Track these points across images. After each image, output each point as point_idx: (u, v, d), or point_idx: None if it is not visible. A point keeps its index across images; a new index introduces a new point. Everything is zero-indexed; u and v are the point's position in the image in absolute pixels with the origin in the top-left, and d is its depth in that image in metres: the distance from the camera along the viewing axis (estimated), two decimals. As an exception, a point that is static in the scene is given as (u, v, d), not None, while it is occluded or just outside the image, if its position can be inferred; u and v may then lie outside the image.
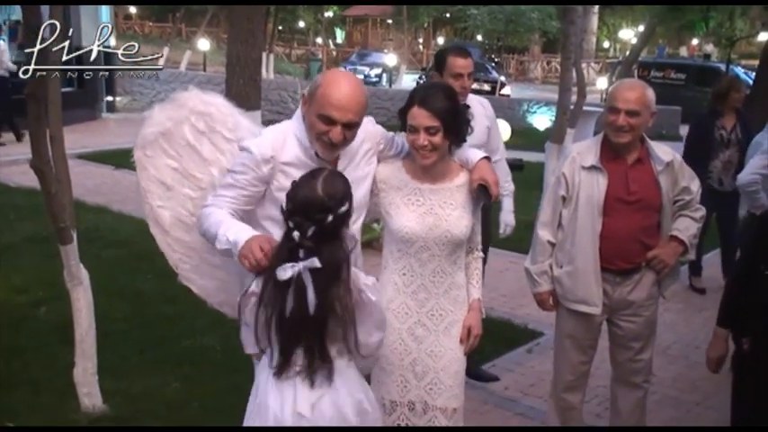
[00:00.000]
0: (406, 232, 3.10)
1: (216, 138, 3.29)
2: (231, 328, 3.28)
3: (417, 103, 3.01)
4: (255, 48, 7.27)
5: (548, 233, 3.87)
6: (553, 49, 44.73)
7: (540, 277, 3.91)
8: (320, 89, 2.88)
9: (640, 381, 4.00)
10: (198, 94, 3.33)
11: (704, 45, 36.22)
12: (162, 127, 3.30)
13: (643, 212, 3.73)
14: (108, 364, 4.53)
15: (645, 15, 31.70)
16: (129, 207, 9.14)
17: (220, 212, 2.93)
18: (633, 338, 3.91)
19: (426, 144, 3.00)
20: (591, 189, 3.71)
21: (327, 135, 2.87)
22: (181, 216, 3.35)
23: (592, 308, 3.80)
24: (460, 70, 4.45)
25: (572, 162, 3.79)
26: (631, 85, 3.77)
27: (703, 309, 6.73)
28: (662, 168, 3.73)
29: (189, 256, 3.38)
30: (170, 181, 3.34)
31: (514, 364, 5.42)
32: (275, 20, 32.04)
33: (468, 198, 3.17)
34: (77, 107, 15.59)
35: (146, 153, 3.35)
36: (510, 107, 20.33)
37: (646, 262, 3.78)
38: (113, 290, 6.04)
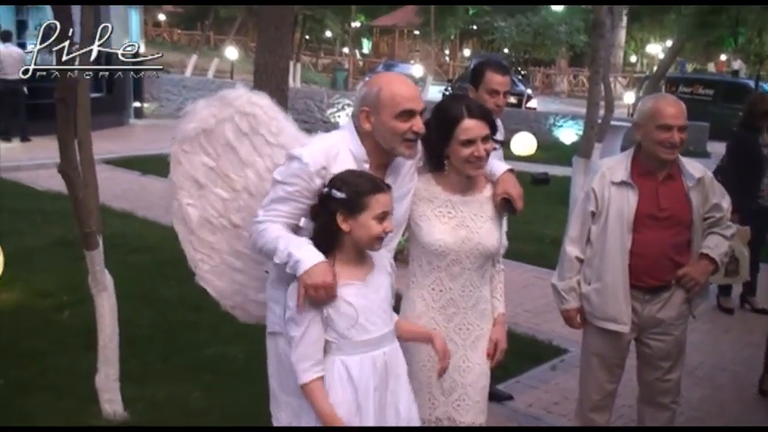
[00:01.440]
0: (439, 245, 3.05)
1: (257, 140, 3.23)
2: (254, 337, 3.27)
3: (468, 114, 2.97)
4: (283, 57, 7.26)
5: (576, 249, 3.82)
6: (580, 63, 44.59)
7: (567, 294, 3.84)
8: (383, 92, 2.82)
9: (668, 401, 3.93)
10: (246, 94, 3.26)
11: (732, 61, 35.91)
12: (205, 124, 3.25)
13: (673, 229, 3.68)
14: (130, 371, 4.52)
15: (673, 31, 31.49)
16: (155, 213, 9.18)
17: (276, 227, 2.82)
18: (662, 358, 3.84)
19: (484, 154, 2.99)
20: (621, 205, 3.66)
21: (411, 130, 2.83)
22: (209, 216, 3.31)
23: (621, 326, 3.73)
24: (498, 87, 4.36)
25: (602, 177, 3.74)
26: (673, 100, 3.69)
27: (730, 330, 6.64)
28: (693, 184, 3.69)
29: (210, 256, 3.35)
30: (203, 179, 3.29)
31: (538, 381, 5.35)
32: (303, 29, 32.18)
33: (496, 210, 3.15)
34: (105, 113, 15.72)
35: (183, 148, 3.30)
36: (536, 120, 20.23)
37: (676, 280, 3.71)
38: (137, 296, 6.05)
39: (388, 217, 2.73)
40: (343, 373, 2.72)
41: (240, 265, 3.28)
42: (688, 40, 25.90)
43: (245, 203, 3.25)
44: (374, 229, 2.70)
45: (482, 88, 4.37)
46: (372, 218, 2.69)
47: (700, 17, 23.78)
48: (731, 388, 5.44)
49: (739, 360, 5.95)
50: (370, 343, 2.75)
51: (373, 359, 2.75)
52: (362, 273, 2.79)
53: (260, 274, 3.21)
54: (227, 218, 3.28)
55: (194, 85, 20.63)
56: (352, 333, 2.72)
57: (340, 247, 2.76)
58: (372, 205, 2.68)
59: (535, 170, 13.87)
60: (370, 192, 2.69)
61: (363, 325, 2.73)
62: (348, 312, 2.70)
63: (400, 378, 2.85)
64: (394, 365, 2.82)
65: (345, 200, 2.69)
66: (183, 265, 3.50)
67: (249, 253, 3.25)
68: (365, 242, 2.73)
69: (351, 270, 2.76)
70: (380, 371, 2.75)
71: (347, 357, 2.72)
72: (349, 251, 2.76)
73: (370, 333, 2.74)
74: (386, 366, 2.77)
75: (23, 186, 10.87)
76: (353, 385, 2.71)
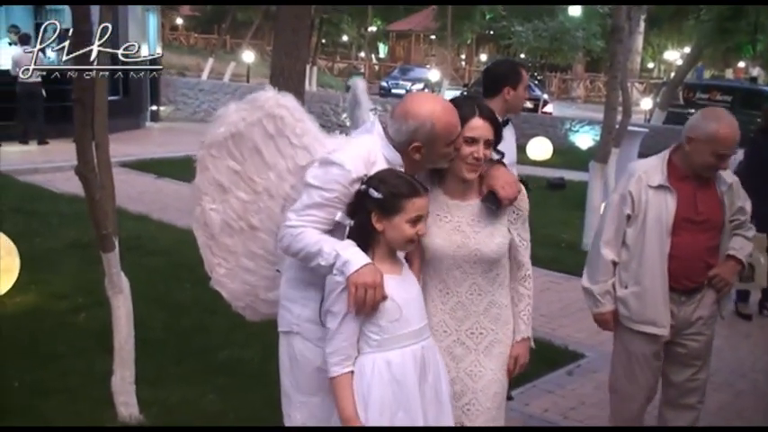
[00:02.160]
0: (435, 249, 3.01)
1: (282, 142, 3.20)
2: (268, 340, 3.26)
3: (478, 114, 2.95)
4: (300, 60, 7.29)
5: (611, 252, 3.83)
6: (596, 69, 44.49)
7: (603, 297, 3.85)
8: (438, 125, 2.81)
9: (695, 401, 3.95)
10: (275, 96, 3.23)
11: (750, 68, 35.74)
12: (234, 128, 3.22)
13: (709, 233, 3.74)
14: (145, 374, 4.51)
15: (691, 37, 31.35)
16: (170, 216, 9.20)
17: (314, 231, 2.78)
18: (695, 357, 3.89)
19: (483, 157, 2.94)
20: (659, 209, 3.69)
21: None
22: (229, 219, 3.29)
23: (660, 329, 3.77)
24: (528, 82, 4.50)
25: (638, 181, 3.76)
26: (735, 128, 3.65)
27: (749, 336, 6.57)
28: (725, 189, 3.75)
29: (226, 260, 3.34)
30: (227, 183, 3.27)
31: (555, 386, 5.32)
32: (319, 33, 32.25)
33: (486, 210, 3.04)
34: (122, 116, 15.78)
35: (211, 152, 3.27)
36: (552, 125, 20.19)
37: (708, 281, 3.76)
38: (152, 299, 6.05)
39: (422, 220, 2.74)
40: (384, 373, 2.70)
41: (252, 266, 3.28)
42: (706, 46, 25.79)
43: (264, 205, 3.24)
44: (407, 232, 2.71)
45: (521, 85, 4.40)
46: (406, 221, 2.70)
47: (718, 23, 23.67)
48: (751, 395, 5.39)
49: (759, 367, 5.89)
50: (411, 336, 2.76)
51: (413, 353, 2.75)
52: (398, 268, 2.81)
53: (270, 273, 3.20)
54: (245, 220, 3.26)
55: (210, 89, 20.70)
56: (395, 326, 2.72)
57: (377, 244, 2.77)
58: (408, 208, 2.69)
59: (551, 175, 13.83)
60: (407, 195, 2.70)
61: (406, 317, 2.74)
62: (391, 306, 2.71)
63: (440, 371, 2.86)
64: (432, 359, 2.83)
65: (381, 200, 2.69)
66: (197, 268, 3.49)
67: (264, 254, 3.26)
68: (397, 243, 2.75)
69: (387, 266, 2.76)
70: (420, 364, 2.76)
71: (389, 353, 2.72)
72: (384, 248, 2.77)
73: (411, 326, 2.76)
74: (423, 360, 2.78)
75: (40, 189, 10.92)
76: (396, 382, 2.71)
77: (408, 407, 2.71)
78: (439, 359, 2.89)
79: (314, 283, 2.84)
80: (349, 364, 2.71)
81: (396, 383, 2.70)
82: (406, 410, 2.70)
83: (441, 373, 2.86)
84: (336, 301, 2.69)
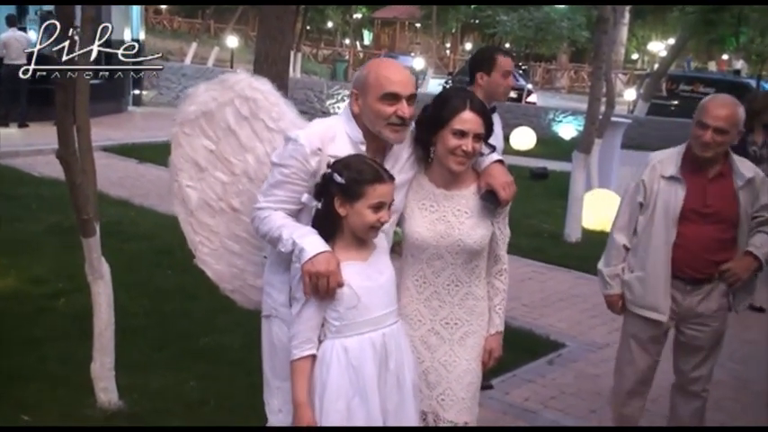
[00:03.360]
0: (416, 238, 3.01)
1: (257, 125, 3.24)
2: (251, 326, 3.25)
3: (469, 107, 2.92)
4: (284, 46, 7.23)
5: (623, 237, 3.95)
6: (581, 59, 44.61)
7: (612, 280, 3.98)
8: (371, 75, 2.85)
9: (699, 390, 4.04)
10: (247, 78, 3.28)
11: (734, 60, 35.90)
12: (205, 107, 3.26)
13: (718, 225, 3.77)
14: (126, 360, 4.49)
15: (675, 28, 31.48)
16: (152, 201, 9.16)
17: (279, 215, 2.85)
18: (697, 348, 3.95)
19: (472, 151, 2.93)
20: (668, 198, 3.77)
21: (396, 114, 2.83)
22: (208, 199, 3.31)
23: (660, 315, 3.86)
24: (509, 68, 4.46)
25: (652, 170, 3.85)
26: (723, 101, 3.75)
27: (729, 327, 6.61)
28: (743, 184, 3.76)
29: (209, 239, 3.35)
30: (203, 162, 3.30)
31: (535, 375, 5.33)
32: (304, 19, 32.11)
33: (485, 205, 3.05)
34: (104, 99, 15.66)
35: (184, 130, 3.31)
36: (536, 115, 20.23)
37: (719, 274, 3.80)
38: (133, 284, 6.01)
39: (384, 207, 2.74)
40: (342, 358, 2.73)
41: (239, 249, 3.29)
42: (690, 38, 25.92)
43: (244, 188, 3.26)
44: (368, 218, 2.72)
45: (495, 72, 4.42)
46: (368, 207, 2.71)
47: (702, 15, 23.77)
48: (729, 385, 5.43)
49: (737, 357, 5.94)
50: (370, 323, 2.77)
51: (372, 340, 2.76)
52: (364, 254, 2.81)
53: (258, 259, 3.21)
54: (226, 201, 3.29)
55: (194, 74, 20.56)
56: (354, 314, 2.73)
57: (340, 230, 2.78)
58: (369, 194, 2.69)
59: (534, 165, 13.87)
60: (369, 180, 2.70)
61: (365, 305, 2.75)
62: (348, 293, 2.72)
63: (403, 359, 2.85)
64: (395, 347, 2.82)
65: (344, 185, 2.70)
66: (178, 253, 3.49)
67: (248, 237, 3.27)
68: (359, 229, 2.75)
69: (351, 252, 2.78)
70: (379, 352, 2.77)
71: (346, 339, 2.74)
72: (348, 234, 2.78)
73: (371, 313, 2.76)
74: (384, 347, 2.79)
75: (20, 172, 10.83)
76: (353, 368, 2.72)
77: (365, 393, 2.72)
78: (404, 347, 2.88)
79: (290, 266, 2.85)
80: (308, 348, 2.73)
81: (352, 369, 2.72)
82: (362, 397, 2.72)
83: (405, 361, 2.86)
84: (298, 288, 2.73)
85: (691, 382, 4.02)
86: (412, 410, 2.87)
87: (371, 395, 2.73)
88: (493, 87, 4.40)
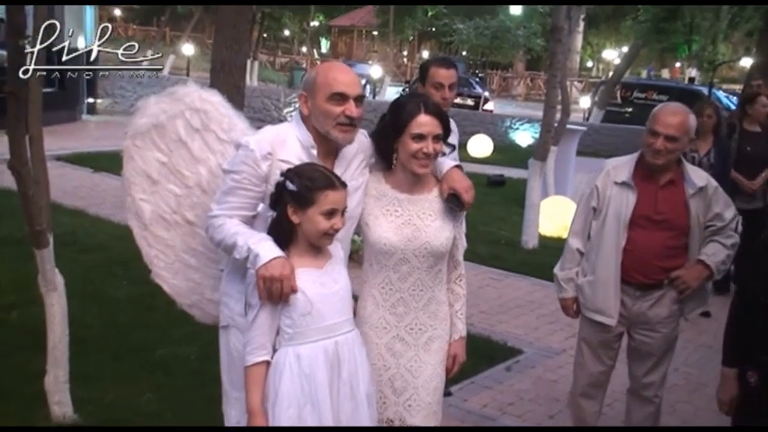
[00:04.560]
0: (384, 244, 3.04)
1: (209, 136, 3.23)
2: (207, 338, 3.23)
3: (424, 110, 2.97)
4: (241, 54, 7.21)
5: (578, 241, 4.02)
6: (537, 67, 45.04)
7: (566, 284, 4.05)
8: (319, 76, 2.88)
9: (651, 395, 4.09)
10: (197, 90, 3.27)
11: (687, 68, 36.56)
12: (155, 119, 3.24)
13: (668, 232, 3.82)
14: (80, 372, 4.42)
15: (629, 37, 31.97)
16: (107, 211, 9.04)
17: (233, 222, 2.87)
18: (647, 353, 4.01)
19: (432, 152, 2.97)
20: (620, 204, 3.83)
21: (344, 113, 2.85)
22: (162, 212, 3.29)
23: (608, 318, 3.91)
24: (442, 80, 4.40)
25: (606, 176, 3.92)
26: (674, 110, 3.82)
27: (682, 331, 6.68)
28: (694, 192, 3.81)
29: (165, 253, 3.32)
30: (156, 175, 3.28)
31: (493, 382, 5.36)
32: (261, 27, 32.00)
33: (447, 208, 3.10)
34: (57, 108, 15.45)
35: (135, 143, 3.29)
36: (492, 123, 20.38)
37: (669, 281, 3.85)
38: (88, 296, 5.94)
39: (337, 214, 2.76)
40: (294, 365, 2.73)
41: (195, 263, 3.27)
42: (643, 46, 26.35)
43: (198, 200, 3.25)
44: (321, 225, 2.73)
45: (428, 83, 4.45)
46: (320, 213, 2.73)
47: (655, 24, 24.22)
48: (684, 388, 5.52)
49: (692, 362, 6.03)
50: (323, 331, 2.77)
51: (325, 348, 2.77)
52: (319, 262, 2.82)
53: (215, 272, 3.19)
54: (180, 214, 3.27)
55: (149, 82, 20.35)
56: (307, 321, 2.74)
57: (295, 238, 2.79)
58: (321, 201, 2.71)
59: (491, 172, 13.96)
60: (320, 187, 2.72)
61: (319, 312, 2.76)
62: (302, 300, 2.73)
63: (357, 368, 2.85)
64: (348, 355, 2.82)
65: (296, 192, 2.72)
66: (134, 264, 3.45)
67: (204, 251, 3.25)
68: (312, 236, 2.77)
69: (307, 259, 2.79)
70: (332, 360, 2.77)
71: (299, 347, 2.74)
72: (303, 242, 2.79)
73: (324, 320, 2.77)
74: (337, 355, 2.79)
75: (-29, 182, 10.62)
76: (305, 376, 2.72)
77: (316, 401, 2.73)
78: (359, 356, 2.88)
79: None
80: (262, 354, 2.73)
81: (305, 377, 2.73)
82: (314, 405, 2.73)
83: (359, 370, 2.86)
84: (253, 294, 2.74)
85: (644, 387, 4.07)
86: (366, 420, 2.87)
87: (323, 403, 2.73)
88: None
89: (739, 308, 3.34)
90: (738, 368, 3.32)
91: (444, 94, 4.39)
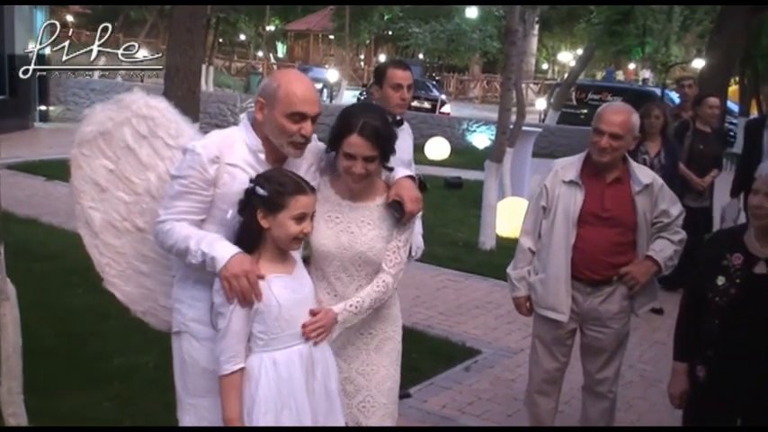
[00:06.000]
0: (322, 251, 3.04)
1: (156, 143, 3.21)
2: (165, 345, 3.20)
3: (358, 131, 2.92)
4: (195, 60, 7.17)
5: (529, 241, 4.07)
6: (493, 69, 45.36)
7: (518, 283, 4.10)
8: (281, 90, 2.85)
9: (605, 391, 4.14)
10: (143, 97, 3.25)
11: (641, 70, 37.05)
12: (102, 126, 3.21)
13: (616, 229, 3.89)
14: (35, 383, 4.35)
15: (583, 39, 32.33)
16: (60, 219, 8.91)
17: (182, 226, 2.85)
18: (600, 349, 4.06)
19: (363, 172, 2.95)
20: (568, 202, 3.89)
21: (300, 132, 2.84)
22: (112, 220, 3.25)
23: (560, 315, 3.96)
24: (400, 81, 4.44)
25: (555, 175, 3.98)
26: (618, 109, 3.94)
27: (637, 328, 6.79)
28: (640, 189, 3.89)
29: (116, 261, 3.28)
30: (104, 182, 3.24)
31: (452, 383, 5.39)
32: (216, 32, 31.80)
33: (389, 217, 3.07)
34: (9, 116, 15.22)
35: (82, 151, 3.25)
36: (450, 125, 20.48)
37: (618, 277, 3.91)
38: (42, 305, 5.85)
39: (307, 218, 2.78)
40: (270, 370, 2.73)
41: (147, 270, 3.24)
42: (597, 48, 26.68)
43: (147, 206, 3.22)
44: (291, 230, 2.74)
45: (386, 85, 4.47)
46: (290, 218, 2.73)
47: (608, 26, 24.52)
48: (639, 385, 5.60)
49: (647, 358, 6.13)
50: (298, 336, 2.79)
51: (300, 352, 2.78)
52: (289, 267, 2.84)
53: (168, 279, 3.17)
54: (130, 221, 3.24)
55: (102, 88, 20.08)
56: (281, 326, 2.75)
57: (264, 244, 2.80)
58: (291, 205, 2.73)
59: (449, 174, 14.04)
60: (291, 192, 2.74)
61: (293, 317, 2.77)
62: (275, 306, 2.73)
63: (329, 368, 2.89)
64: (321, 357, 2.86)
65: (266, 197, 2.73)
66: (89, 272, 3.41)
67: (156, 257, 3.22)
68: (283, 241, 2.77)
69: (277, 265, 2.80)
70: (306, 363, 2.79)
71: (275, 352, 2.75)
72: (272, 248, 2.80)
73: (298, 325, 2.79)
74: (312, 358, 2.82)
75: None
76: (283, 380, 2.73)
77: (294, 405, 2.74)
78: (328, 356, 2.91)
79: (200, 281, 2.86)
80: (237, 362, 2.73)
81: (282, 382, 2.73)
82: (291, 409, 2.73)
83: (330, 369, 2.90)
84: (223, 304, 2.73)
85: (597, 383, 4.13)
86: (340, 416, 2.93)
87: (302, 406, 2.75)
88: (385, 100, 4.44)
89: (688, 305, 3.43)
90: (688, 363, 3.40)
91: (403, 95, 4.45)
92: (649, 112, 6.95)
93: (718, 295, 3.19)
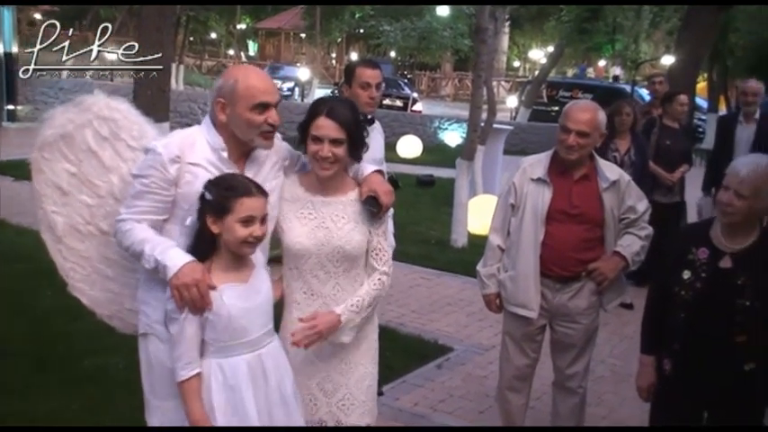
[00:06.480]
0: (298, 248, 3.05)
1: (119, 145, 3.19)
2: (135, 346, 3.18)
3: (325, 113, 2.97)
4: (165, 58, 7.13)
5: (498, 238, 4.09)
6: (464, 67, 45.42)
7: (488, 280, 4.13)
8: (240, 85, 2.86)
9: (575, 386, 4.18)
10: (104, 99, 3.23)
11: (611, 67, 37.29)
12: (63, 129, 3.18)
13: (584, 225, 3.93)
14: (5, 386, 4.33)
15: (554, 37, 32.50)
16: (29, 220, 8.77)
17: (141, 228, 2.85)
18: (569, 345, 4.10)
19: (329, 155, 2.97)
20: (536, 200, 3.92)
21: (266, 122, 2.87)
22: (75, 224, 3.22)
23: (529, 312, 3.99)
24: (369, 80, 4.45)
25: (522, 173, 4.01)
26: (584, 107, 3.97)
27: (607, 323, 6.85)
28: (607, 186, 3.93)
29: (81, 265, 3.26)
30: (66, 186, 3.21)
31: (424, 380, 5.41)
32: (186, 31, 31.60)
33: (364, 211, 3.10)
34: (-24, 116, 15.00)
35: (43, 155, 3.23)
36: (421, 123, 20.52)
37: (587, 273, 3.94)
38: (11, 307, 5.80)
39: (255, 221, 2.75)
40: (219, 376, 2.74)
41: (111, 273, 3.22)
42: (567, 45, 26.83)
43: (111, 209, 3.20)
44: (239, 233, 2.72)
45: (354, 84, 4.48)
46: (237, 221, 2.72)
47: (577, 24, 24.67)
48: (610, 380, 5.65)
49: (616, 353, 6.19)
50: (247, 345, 2.78)
51: (247, 361, 2.77)
52: (244, 275, 2.81)
53: (132, 281, 3.15)
54: (94, 225, 3.21)
55: (71, 88, 19.83)
56: (232, 335, 2.74)
57: (217, 250, 2.78)
58: (237, 208, 2.71)
59: (420, 172, 14.06)
60: (235, 195, 2.72)
61: (244, 327, 2.76)
62: (227, 315, 2.72)
63: (282, 373, 2.88)
64: (273, 363, 2.85)
65: (212, 201, 2.72)
66: (58, 274, 3.38)
67: (120, 260, 3.20)
68: (233, 245, 2.76)
69: (231, 273, 2.78)
70: (255, 371, 2.78)
71: (223, 360, 2.75)
72: (226, 254, 2.78)
73: (248, 335, 2.78)
74: (262, 366, 2.81)
75: None
76: (230, 387, 2.73)
77: (243, 412, 2.74)
78: (282, 362, 2.90)
79: (165, 283, 2.84)
80: (193, 368, 2.73)
81: (230, 389, 2.74)
82: (240, 416, 2.74)
83: (284, 375, 2.89)
84: (174, 308, 2.73)
85: (567, 378, 4.17)
86: (300, 419, 2.92)
87: (251, 414, 2.74)
88: (354, 99, 4.44)
89: (655, 298, 3.47)
90: (655, 356, 3.44)
91: (372, 93, 4.46)
92: (620, 109, 7.01)
93: (683, 289, 3.23)
